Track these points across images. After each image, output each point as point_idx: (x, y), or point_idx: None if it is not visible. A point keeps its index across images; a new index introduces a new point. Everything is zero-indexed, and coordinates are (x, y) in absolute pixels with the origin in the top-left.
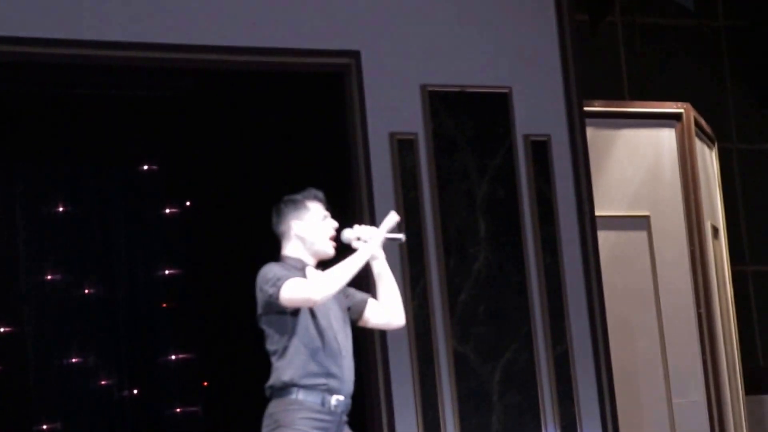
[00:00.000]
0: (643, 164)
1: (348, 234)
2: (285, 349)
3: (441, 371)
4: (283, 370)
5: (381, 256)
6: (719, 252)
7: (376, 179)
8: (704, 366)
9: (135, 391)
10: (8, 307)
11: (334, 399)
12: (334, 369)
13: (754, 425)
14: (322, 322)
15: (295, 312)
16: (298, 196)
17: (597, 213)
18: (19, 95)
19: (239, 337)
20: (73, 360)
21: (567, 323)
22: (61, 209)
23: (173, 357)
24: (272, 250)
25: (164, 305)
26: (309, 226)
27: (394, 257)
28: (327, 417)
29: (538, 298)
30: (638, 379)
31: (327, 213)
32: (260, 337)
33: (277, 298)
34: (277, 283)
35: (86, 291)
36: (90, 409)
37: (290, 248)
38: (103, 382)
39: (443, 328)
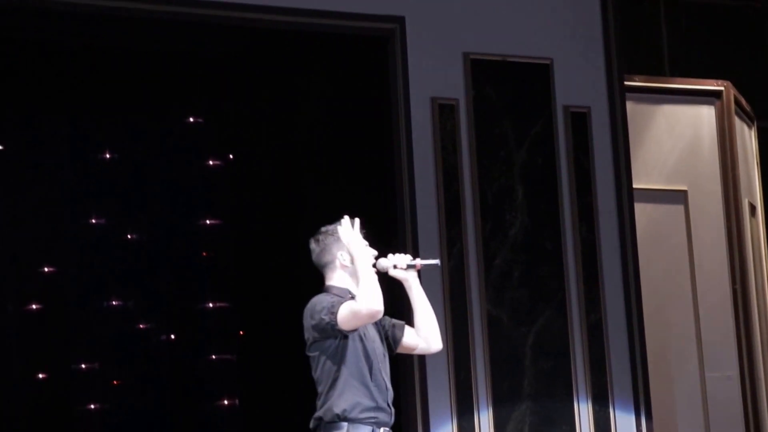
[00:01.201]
0: (682, 140)
1: (384, 263)
2: (335, 380)
3: (474, 333)
4: (334, 403)
5: (416, 283)
6: (756, 229)
7: (416, 142)
8: (738, 341)
9: (172, 336)
10: (52, 248)
11: (383, 430)
12: (381, 402)
13: None
14: (370, 353)
15: (345, 342)
16: (339, 226)
17: (635, 185)
18: (71, 47)
19: (275, 288)
20: (114, 303)
21: (601, 292)
22: (107, 156)
23: (210, 305)
24: (306, 208)
25: (204, 254)
26: (353, 254)
27: (432, 218)
28: None
29: (573, 266)
30: (671, 352)
31: (366, 242)
32: (296, 290)
33: (336, 323)
34: (333, 309)
35: (129, 236)
36: (128, 352)
37: (336, 278)
38: (141, 326)
39: (478, 290)
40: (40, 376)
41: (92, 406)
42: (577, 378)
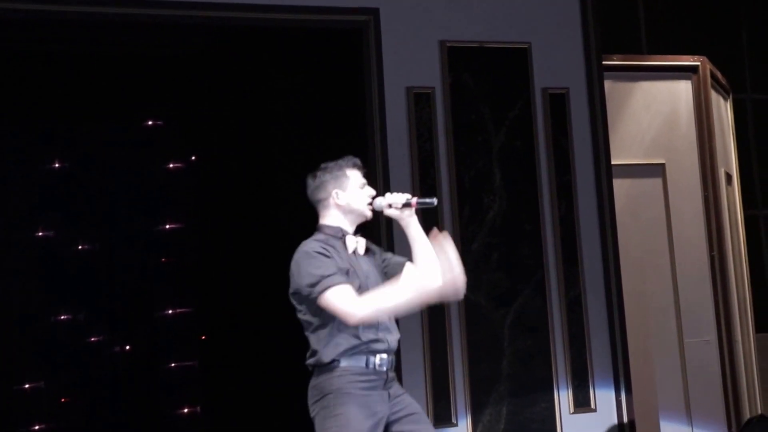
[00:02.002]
0: (660, 115)
1: (380, 202)
2: (319, 326)
3: (451, 318)
4: (322, 351)
5: (413, 221)
6: (732, 197)
7: (392, 133)
8: (716, 306)
9: (127, 347)
10: None
11: (378, 358)
12: (373, 336)
13: (763, 362)
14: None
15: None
16: (338, 164)
17: (613, 161)
18: (26, 52)
19: (238, 292)
20: (62, 317)
21: (580, 269)
22: (56, 165)
23: (170, 311)
24: (274, 208)
25: (164, 260)
26: (350, 195)
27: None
28: (373, 377)
29: (552, 245)
30: (650, 322)
31: (365, 180)
32: (259, 291)
33: (316, 300)
34: (322, 284)
35: (79, 247)
36: (78, 367)
37: (330, 217)
38: (92, 339)
39: None
40: None
41: (36, 427)
42: (556, 355)
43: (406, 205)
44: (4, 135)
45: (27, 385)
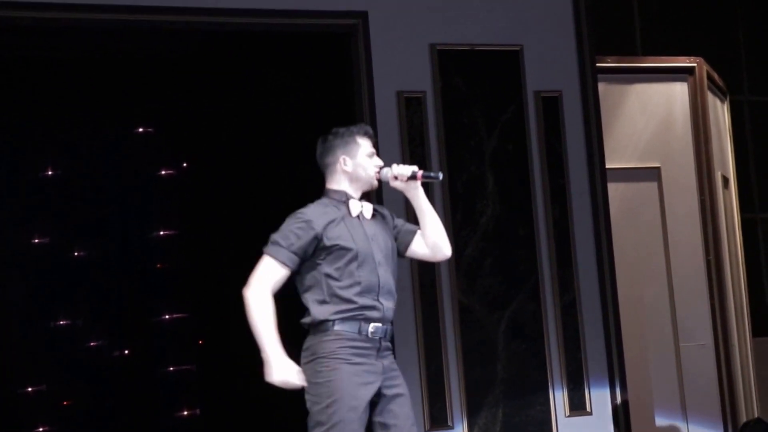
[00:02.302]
0: (655, 117)
1: (386, 172)
2: (309, 287)
3: (445, 322)
4: (317, 311)
5: (419, 192)
6: (729, 201)
7: (382, 136)
8: (712, 311)
9: (126, 352)
10: None
11: (371, 326)
12: (369, 302)
13: (760, 366)
14: (359, 258)
15: (319, 252)
16: (349, 130)
17: (608, 165)
18: (19, 59)
19: (233, 296)
20: (61, 322)
21: (575, 273)
22: (49, 173)
23: (167, 317)
24: (266, 212)
25: (159, 266)
26: (357, 163)
27: (399, 210)
28: (365, 344)
29: (546, 249)
30: (646, 326)
31: (374, 150)
32: None
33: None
34: (268, 248)
35: (75, 254)
36: (79, 371)
37: (335, 182)
38: (92, 344)
39: (449, 280)
40: None
41: (41, 429)
42: (551, 359)
43: (412, 177)
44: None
45: (30, 389)
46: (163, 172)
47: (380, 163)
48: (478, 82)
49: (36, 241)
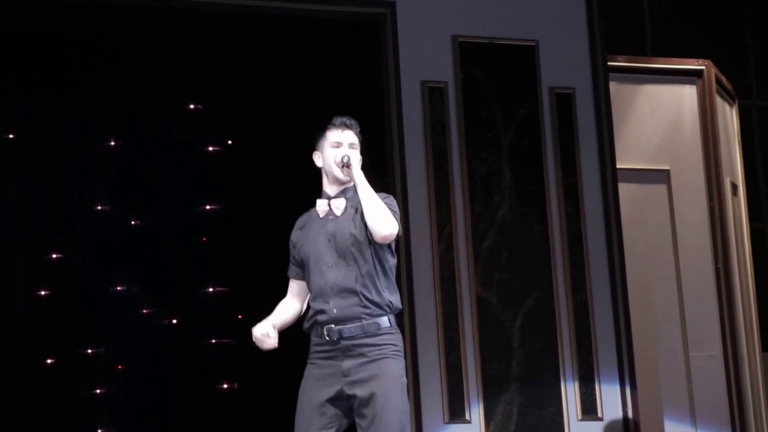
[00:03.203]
0: (664, 119)
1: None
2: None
3: (464, 316)
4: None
5: (358, 178)
6: (738, 208)
7: (407, 125)
8: (721, 321)
9: (174, 321)
10: (60, 234)
11: (325, 329)
12: (320, 305)
13: None
14: (311, 264)
15: (299, 264)
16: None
17: (618, 165)
18: (76, 36)
19: (273, 273)
20: (118, 288)
21: (587, 273)
22: (112, 143)
23: (210, 289)
24: (307, 189)
25: (204, 239)
26: (324, 156)
27: (422, 202)
28: (327, 347)
29: (560, 247)
30: (656, 332)
31: (341, 140)
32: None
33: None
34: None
35: (132, 222)
36: (132, 337)
37: (323, 181)
38: (144, 311)
39: (467, 273)
40: (48, 361)
41: (98, 391)
42: (564, 359)
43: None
44: (66, 114)
45: (89, 350)
46: (210, 149)
47: (343, 153)
48: (496, 76)
49: (99, 207)
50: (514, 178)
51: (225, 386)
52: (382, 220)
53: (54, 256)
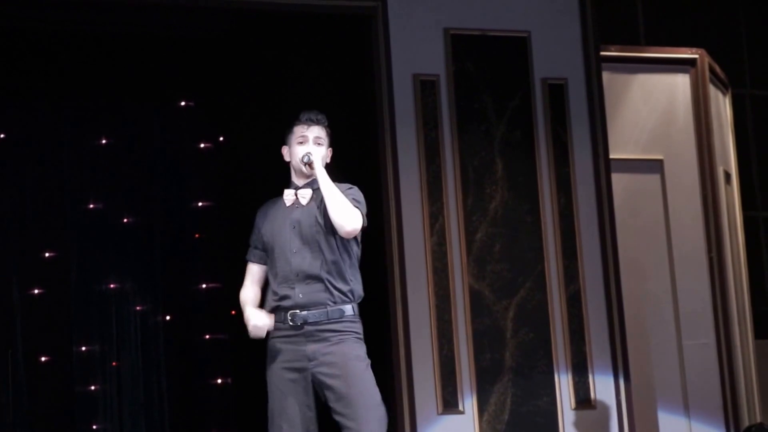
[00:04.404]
0: (658, 109)
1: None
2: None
3: (457, 307)
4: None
5: (319, 174)
6: (731, 197)
7: (399, 118)
8: (714, 309)
9: (168, 317)
10: (53, 233)
11: (289, 314)
12: (285, 291)
13: (763, 369)
14: (276, 250)
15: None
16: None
17: (611, 155)
18: (66, 33)
19: None
20: (111, 285)
21: (580, 264)
22: (104, 142)
23: (203, 286)
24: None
25: (197, 236)
26: (291, 152)
27: (415, 194)
28: (290, 332)
29: (552, 238)
30: (649, 321)
31: (306, 135)
32: None
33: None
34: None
35: (125, 220)
36: (125, 333)
37: (291, 171)
38: (138, 308)
39: (460, 265)
40: (43, 358)
41: (92, 387)
42: (557, 349)
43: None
44: (58, 112)
45: (84, 348)
46: (202, 145)
47: (305, 149)
48: (488, 68)
49: (91, 206)
50: (507, 170)
51: (219, 381)
52: (346, 216)
53: (47, 254)
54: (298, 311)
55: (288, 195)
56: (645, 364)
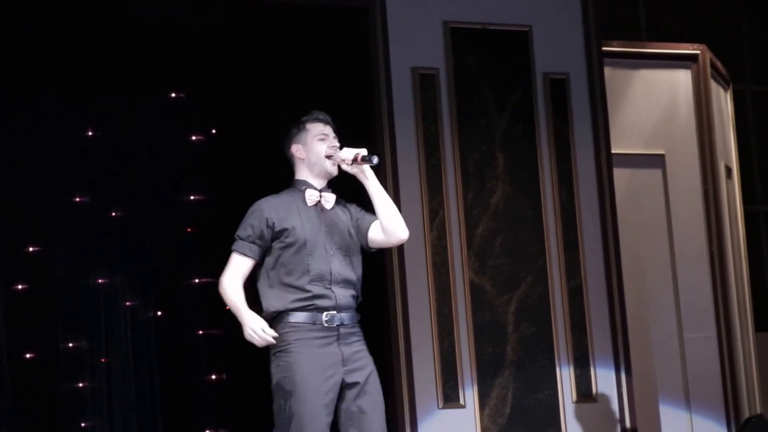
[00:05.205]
0: (659, 104)
1: (336, 155)
2: (265, 275)
3: (458, 302)
4: (271, 302)
5: (369, 175)
6: (732, 192)
7: (398, 112)
8: (715, 302)
9: (159, 313)
10: (38, 227)
11: (325, 315)
12: (321, 290)
13: (763, 361)
14: (308, 247)
15: (281, 239)
16: (302, 119)
17: (613, 150)
18: (53, 24)
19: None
20: (100, 281)
21: (581, 257)
22: (90, 134)
23: (197, 280)
24: (289, 180)
25: (189, 230)
26: (309, 149)
27: (414, 189)
28: (322, 333)
29: (554, 232)
30: (650, 314)
31: (326, 133)
32: None
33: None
34: (234, 244)
35: (113, 214)
36: (115, 329)
37: (297, 171)
38: (128, 303)
39: (461, 259)
40: (28, 355)
41: (80, 384)
42: (559, 343)
43: (354, 161)
44: (44, 103)
45: (71, 344)
46: (193, 138)
47: (333, 143)
48: (489, 62)
49: (77, 199)
50: (508, 165)
51: (213, 377)
52: (401, 222)
53: (31, 249)
54: (335, 312)
55: (311, 195)
56: (646, 357)
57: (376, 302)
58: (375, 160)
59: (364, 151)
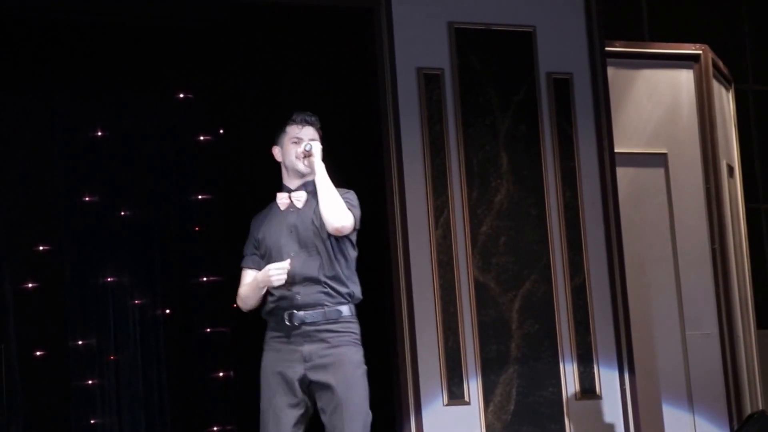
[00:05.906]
0: (662, 104)
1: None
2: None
3: (462, 299)
4: (262, 307)
5: (318, 168)
6: (734, 190)
7: (403, 112)
8: (717, 300)
9: (167, 311)
10: (47, 226)
11: (286, 314)
12: (284, 292)
13: (765, 358)
14: (273, 254)
15: (260, 252)
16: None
17: (616, 149)
18: (61, 25)
19: None
20: (109, 279)
21: (585, 256)
22: (99, 134)
23: (204, 279)
24: None
25: (197, 229)
26: (284, 152)
27: (420, 188)
28: (282, 333)
29: (557, 230)
30: (653, 312)
31: (300, 136)
32: None
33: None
34: (242, 258)
35: (122, 213)
36: (123, 327)
37: (283, 175)
38: (136, 302)
39: (465, 257)
40: (38, 353)
41: (89, 382)
42: (563, 340)
43: (306, 157)
44: (53, 103)
45: (80, 342)
46: (201, 138)
47: (304, 145)
48: (493, 62)
49: (87, 199)
50: (512, 164)
51: (221, 374)
52: (336, 211)
53: (41, 248)
54: (295, 311)
55: (281, 198)
56: (649, 354)
57: (382, 301)
58: (308, 147)
59: (307, 146)
